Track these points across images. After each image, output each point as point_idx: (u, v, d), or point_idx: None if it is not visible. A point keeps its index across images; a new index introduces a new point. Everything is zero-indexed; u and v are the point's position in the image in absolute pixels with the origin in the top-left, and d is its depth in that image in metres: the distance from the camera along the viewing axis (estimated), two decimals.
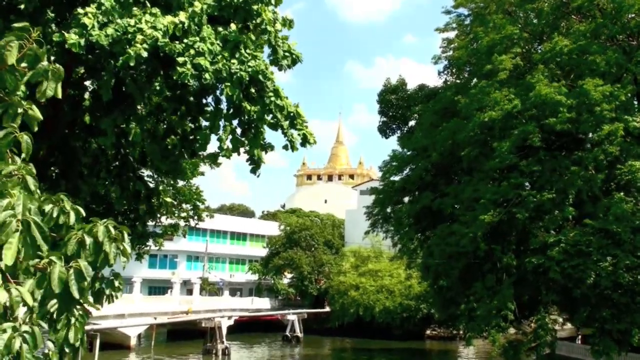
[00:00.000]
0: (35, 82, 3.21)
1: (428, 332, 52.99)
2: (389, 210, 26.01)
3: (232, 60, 7.31)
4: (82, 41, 6.42)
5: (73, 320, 3.23)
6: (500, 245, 20.14)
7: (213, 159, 8.13)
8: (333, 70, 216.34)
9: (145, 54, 6.66)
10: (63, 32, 6.46)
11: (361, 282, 53.23)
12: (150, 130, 8.38)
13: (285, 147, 8.17)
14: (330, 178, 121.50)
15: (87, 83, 8.53)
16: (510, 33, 20.43)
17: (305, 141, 8.14)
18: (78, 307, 3.22)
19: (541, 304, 21.02)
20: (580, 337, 31.78)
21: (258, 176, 8.26)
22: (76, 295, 3.08)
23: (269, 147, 8.23)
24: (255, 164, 8.12)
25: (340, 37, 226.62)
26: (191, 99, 7.96)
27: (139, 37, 6.63)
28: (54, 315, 3.19)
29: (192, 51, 6.88)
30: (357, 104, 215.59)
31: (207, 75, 7.01)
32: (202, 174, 20.34)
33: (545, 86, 18.39)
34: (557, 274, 17.70)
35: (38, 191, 3.12)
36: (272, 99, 7.67)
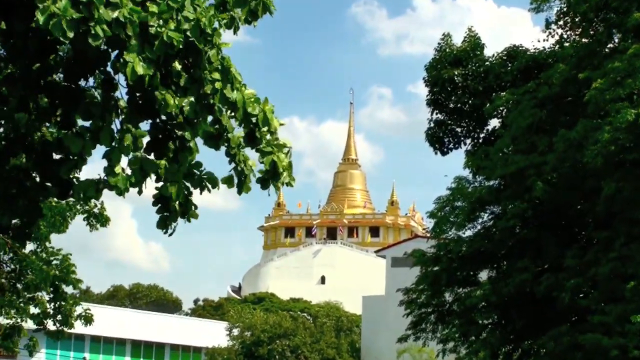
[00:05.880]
0: None
1: None
2: (447, 296, 25.98)
3: (150, 8, 7.31)
4: None
5: None
6: None
7: (91, 190, 8.01)
8: (326, 19, 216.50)
9: None
10: None
11: None
12: None
13: (227, 181, 8.16)
14: (331, 234, 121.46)
15: None
16: None
17: (273, 175, 8.09)
18: None
19: None
20: None
21: (169, 235, 8.34)
22: None
23: (209, 181, 8.19)
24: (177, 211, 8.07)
25: None
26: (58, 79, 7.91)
27: None
28: None
29: None
30: (377, 88, 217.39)
31: (99, 29, 6.94)
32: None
33: None
34: None
35: None
36: (216, 83, 7.61)
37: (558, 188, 22.45)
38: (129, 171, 7.88)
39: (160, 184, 8.02)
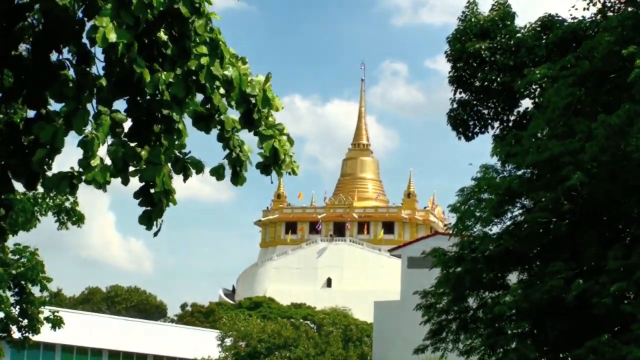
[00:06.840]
0: None
1: None
2: (472, 301, 26.04)
3: None
4: None
5: None
6: None
7: (64, 186, 7.96)
8: None
9: None
10: None
11: None
12: None
13: (215, 172, 8.15)
14: (339, 230, 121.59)
15: None
16: None
17: (274, 162, 8.11)
18: None
19: None
20: None
21: (154, 235, 8.23)
22: None
23: (192, 166, 8.17)
24: (153, 207, 7.94)
25: None
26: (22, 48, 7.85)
27: None
28: None
29: None
30: (390, 63, 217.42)
31: None
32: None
33: None
34: None
35: None
36: (202, 58, 7.58)
37: (598, 179, 22.39)
38: (108, 161, 7.82)
39: (142, 167, 7.91)
